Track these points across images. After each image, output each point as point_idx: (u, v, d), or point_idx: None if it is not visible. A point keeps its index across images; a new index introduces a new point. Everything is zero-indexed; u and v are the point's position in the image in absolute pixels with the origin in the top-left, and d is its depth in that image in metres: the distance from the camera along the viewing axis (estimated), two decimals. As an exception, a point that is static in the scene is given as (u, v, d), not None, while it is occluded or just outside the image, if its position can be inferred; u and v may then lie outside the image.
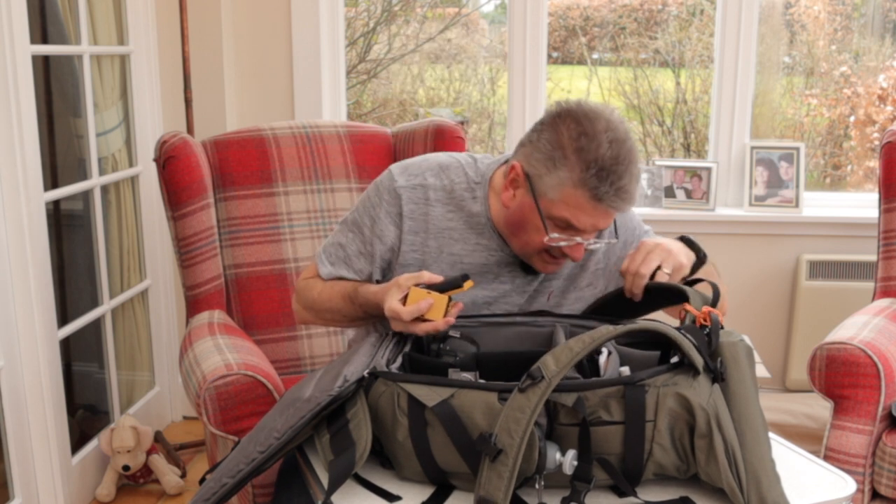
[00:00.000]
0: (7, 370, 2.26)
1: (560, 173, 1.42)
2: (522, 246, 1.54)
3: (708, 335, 1.24)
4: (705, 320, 1.26)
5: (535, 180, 1.46)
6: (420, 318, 1.39)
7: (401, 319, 1.38)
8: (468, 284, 1.40)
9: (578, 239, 1.47)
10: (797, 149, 3.01)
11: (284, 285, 2.26)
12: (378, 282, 1.62)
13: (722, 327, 1.27)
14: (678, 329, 1.24)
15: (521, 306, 1.61)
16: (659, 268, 1.42)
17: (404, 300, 1.40)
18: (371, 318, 1.58)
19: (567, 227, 1.46)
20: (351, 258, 1.62)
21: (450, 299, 1.39)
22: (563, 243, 1.48)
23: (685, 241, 1.53)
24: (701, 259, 1.53)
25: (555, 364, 1.13)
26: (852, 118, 3.51)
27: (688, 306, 1.30)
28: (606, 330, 1.18)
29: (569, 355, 1.14)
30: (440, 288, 1.39)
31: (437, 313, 1.38)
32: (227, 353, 1.86)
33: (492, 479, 1.10)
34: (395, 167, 1.62)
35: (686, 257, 1.48)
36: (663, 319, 1.37)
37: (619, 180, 1.41)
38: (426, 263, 1.58)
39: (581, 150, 1.40)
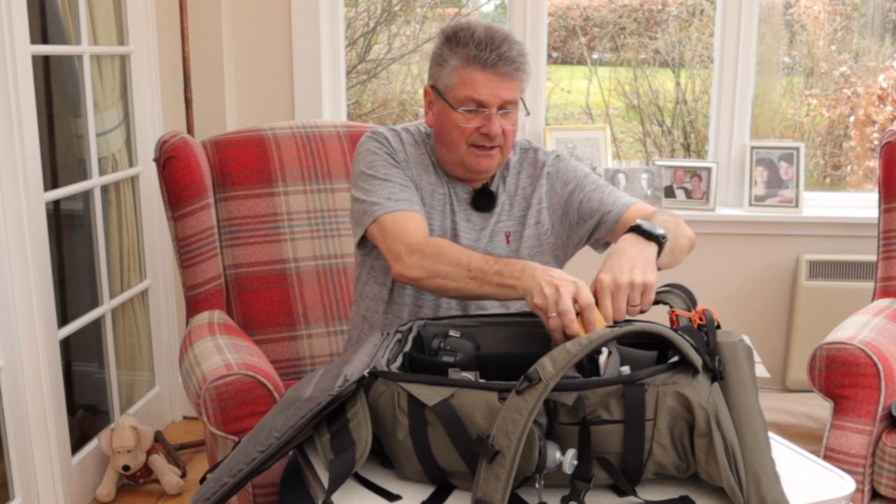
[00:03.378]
0: (7, 370, 2.26)
1: (450, 63, 1.62)
2: (451, 149, 1.66)
3: (706, 334, 1.24)
4: (701, 319, 1.27)
5: (437, 84, 1.66)
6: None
7: (561, 320, 1.32)
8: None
9: (487, 111, 1.61)
10: (797, 149, 3.01)
11: (284, 285, 2.26)
12: None
13: (718, 326, 1.27)
14: (675, 330, 1.24)
15: (479, 244, 1.71)
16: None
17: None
18: (485, 291, 1.49)
19: (474, 105, 1.61)
20: (402, 187, 1.66)
21: None
22: (471, 110, 1.60)
23: (639, 230, 1.45)
24: (661, 243, 1.46)
25: (552, 366, 1.13)
26: (852, 118, 3.51)
27: (678, 311, 1.31)
28: (604, 332, 1.18)
29: (566, 357, 1.14)
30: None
31: (582, 329, 1.32)
32: (227, 353, 1.87)
33: (489, 480, 1.10)
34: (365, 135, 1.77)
35: (648, 265, 1.40)
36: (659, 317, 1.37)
37: (497, 48, 1.58)
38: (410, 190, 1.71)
39: (459, 39, 1.61)
